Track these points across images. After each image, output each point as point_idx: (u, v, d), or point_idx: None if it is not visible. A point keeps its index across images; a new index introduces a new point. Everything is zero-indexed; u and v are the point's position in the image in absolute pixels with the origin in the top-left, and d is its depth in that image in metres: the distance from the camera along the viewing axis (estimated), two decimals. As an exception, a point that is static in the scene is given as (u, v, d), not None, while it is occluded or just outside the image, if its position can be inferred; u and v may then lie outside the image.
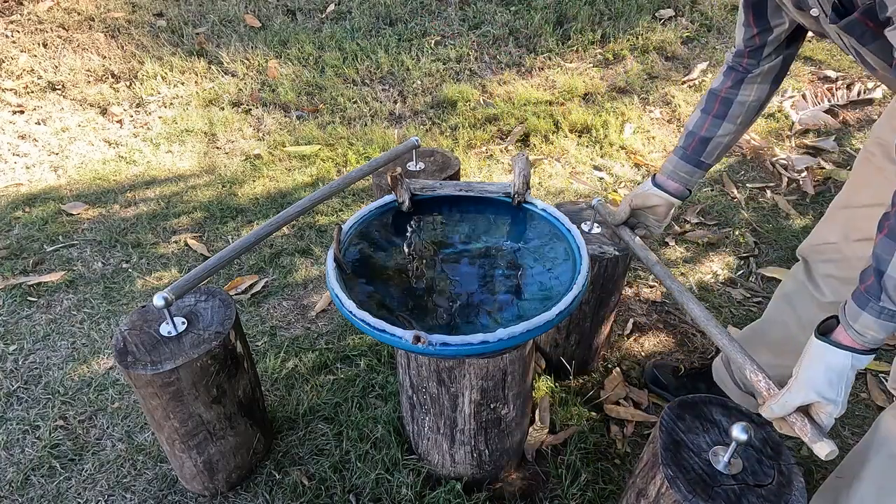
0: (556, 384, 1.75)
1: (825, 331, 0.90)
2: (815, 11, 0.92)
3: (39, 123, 3.20)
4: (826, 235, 1.29)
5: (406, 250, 1.37)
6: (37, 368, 1.86)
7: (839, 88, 3.16)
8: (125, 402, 1.74)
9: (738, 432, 0.91)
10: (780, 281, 2.09)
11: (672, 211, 1.35)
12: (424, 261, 1.34)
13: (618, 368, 1.80)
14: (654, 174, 1.33)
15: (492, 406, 1.30)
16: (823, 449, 0.86)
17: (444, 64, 3.56)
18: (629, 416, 1.66)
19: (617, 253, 1.49)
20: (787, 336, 1.41)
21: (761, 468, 1.00)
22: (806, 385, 0.88)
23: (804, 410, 0.91)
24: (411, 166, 1.87)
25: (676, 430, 1.07)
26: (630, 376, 1.80)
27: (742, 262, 2.28)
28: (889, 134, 1.11)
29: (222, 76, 3.50)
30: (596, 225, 1.58)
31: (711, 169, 1.32)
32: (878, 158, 1.14)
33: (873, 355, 0.87)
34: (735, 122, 1.19)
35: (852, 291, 0.86)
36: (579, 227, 1.58)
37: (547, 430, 1.61)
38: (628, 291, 2.15)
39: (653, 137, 2.99)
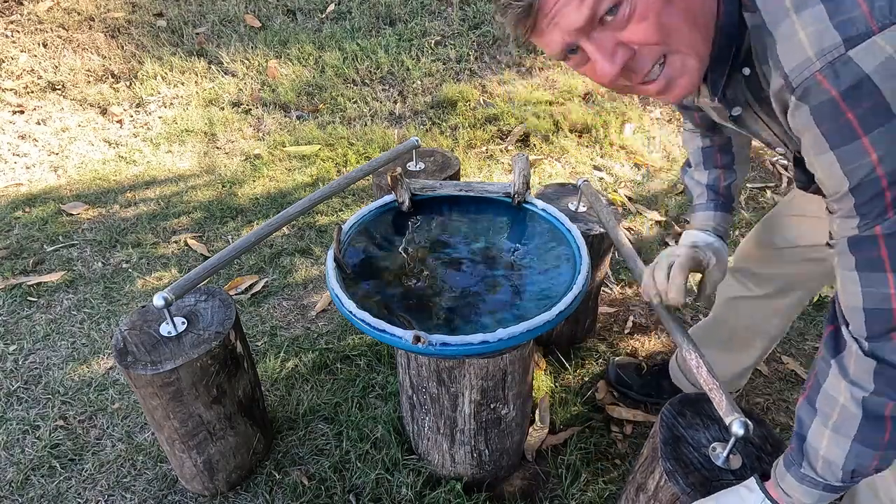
0: (556, 384, 1.76)
1: (765, 474, 0.91)
2: (780, 149, 0.89)
3: (39, 123, 3.20)
4: (750, 239, 1.37)
5: (406, 250, 1.37)
6: (37, 368, 1.86)
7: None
8: (125, 402, 1.74)
9: (737, 428, 0.91)
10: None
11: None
12: (424, 261, 1.34)
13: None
14: (698, 230, 1.17)
15: (492, 406, 1.30)
16: None
17: (444, 64, 3.56)
18: (630, 416, 1.66)
19: (602, 230, 1.58)
20: (732, 333, 1.46)
21: (760, 464, 1.01)
22: (714, 500, 0.92)
23: None
24: (411, 166, 1.87)
25: (677, 425, 1.07)
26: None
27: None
28: None
29: (222, 76, 3.50)
30: (581, 204, 1.67)
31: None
32: None
33: None
34: (743, 163, 1.18)
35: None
36: (566, 206, 1.68)
37: (547, 430, 1.61)
38: (629, 291, 2.15)
39: (653, 137, 2.99)
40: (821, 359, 0.76)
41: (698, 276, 1.11)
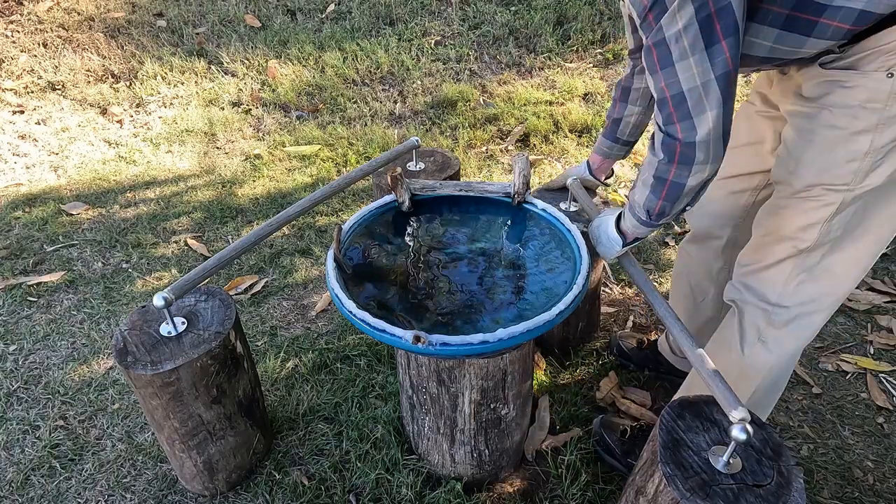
0: (556, 384, 1.76)
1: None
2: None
3: (39, 123, 3.20)
4: None
5: (406, 250, 1.37)
6: (37, 368, 1.86)
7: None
8: (125, 402, 1.74)
9: (737, 432, 0.91)
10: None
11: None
12: (424, 261, 1.34)
13: (613, 372, 1.80)
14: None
15: (492, 406, 1.30)
16: None
17: (444, 64, 3.56)
18: (638, 413, 1.66)
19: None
20: (690, 283, 1.59)
21: (761, 468, 1.00)
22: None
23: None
24: (411, 166, 1.87)
25: (676, 428, 1.07)
26: (626, 378, 1.80)
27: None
28: (766, 88, 1.27)
29: (222, 76, 3.50)
30: (573, 203, 1.67)
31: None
32: (759, 106, 1.28)
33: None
34: (635, 104, 1.39)
35: None
36: (558, 206, 1.67)
37: (547, 430, 1.61)
38: (629, 291, 2.15)
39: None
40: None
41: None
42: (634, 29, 1.25)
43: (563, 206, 1.67)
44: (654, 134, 1.06)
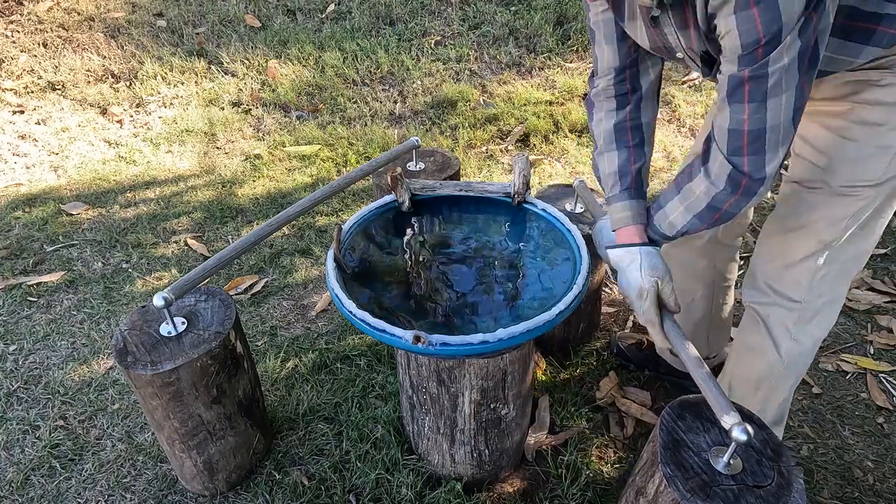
0: (556, 384, 1.76)
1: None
2: (679, 55, 1.01)
3: (39, 123, 3.20)
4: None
5: (406, 250, 1.37)
6: (37, 368, 1.86)
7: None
8: (125, 402, 1.74)
9: (738, 433, 0.91)
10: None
11: None
12: (424, 261, 1.34)
13: (613, 372, 1.80)
14: (634, 244, 1.16)
15: (492, 406, 1.30)
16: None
17: (444, 64, 3.56)
18: (639, 413, 1.66)
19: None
20: (677, 285, 1.45)
21: (761, 469, 1.00)
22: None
23: None
24: (411, 166, 1.87)
25: (677, 429, 1.07)
26: (626, 378, 1.80)
27: (743, 262, 2.27)
28: None
29: (222, 76, 3.50)
30: (579, 205, 1.66)
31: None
32: None
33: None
34: (650, 145, 1.20)
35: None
36: (563, 207, 1.68)
37: (547, 430, 1.61)
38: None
39: (653, 137, 2.99)
40: (696, 161, 1.02)
41: None
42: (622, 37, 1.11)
43: (568, 206, 1.68)
44: (708, 162, 0.99)
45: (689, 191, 1.04)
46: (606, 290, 2.16)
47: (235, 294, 2.14)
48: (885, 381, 1.79)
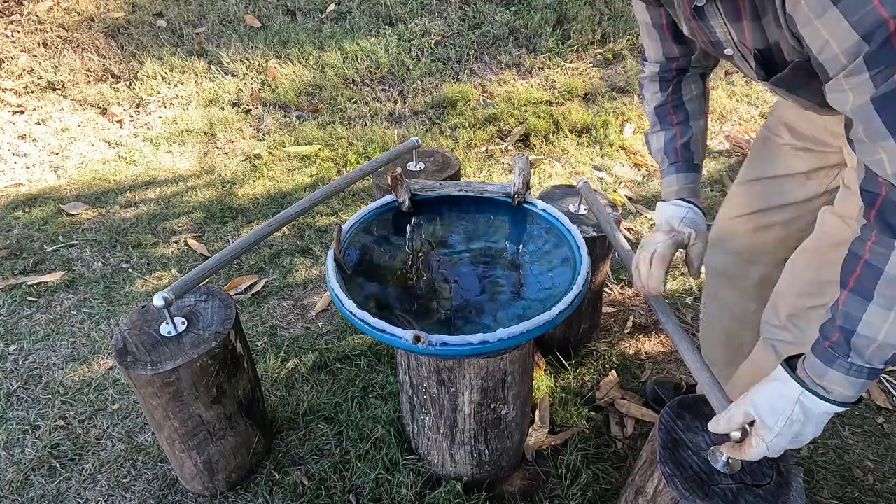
0: (556, 384, 1.76)
1: (792, 363, 0.87)
2: (728, 51, 0.92)
3: (39, 123, 3.20)
4: (728, 212, 1.37)
5: (406, 250, 1.37)
6: (37, 368, 1.86)
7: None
8: (125, 402, 1.74)
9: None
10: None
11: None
12: (424, 261, 1.34)
13: (613, 372, 1.80)
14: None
15: (492, 406, 1.30)
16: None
17: (444, 64, 3.56)
18: (640, 414, 1.66)
19: (600, 233, 1.59)
20: (725, 329, 1.47)
21: (760, 468, 1.00)
22: (749, 399, 0.87)
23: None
24: (411, 166, 1.87)
25: (676, 428, 1.07)
26: (626, 378, 1.80)
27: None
28: (794, 118, 1.17)
29: (222, 76, 3.50)
30: (582, 207, 1.66)
31: (713, 169, 1.33)
32: (786, 138, 1.19)
33: (840, 408, 0.81)
34: (698, 118, 1.17)
35: (812, 345, 0.82)
36: (567, 208, 1.69)
37: (547, 430, 1.61)
38: (629, 291, 2.15)
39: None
40: (873, 244, 0.73)
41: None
42: (674, 36, 1.08)
43: (571, 207, 1.68)
44: (882, 223, 0.72)
45: (890, 286, 0.72)
46: (606, 290, 2.16)
47: (235, 294, 2.14)
48: (884, 381, 1.79)
